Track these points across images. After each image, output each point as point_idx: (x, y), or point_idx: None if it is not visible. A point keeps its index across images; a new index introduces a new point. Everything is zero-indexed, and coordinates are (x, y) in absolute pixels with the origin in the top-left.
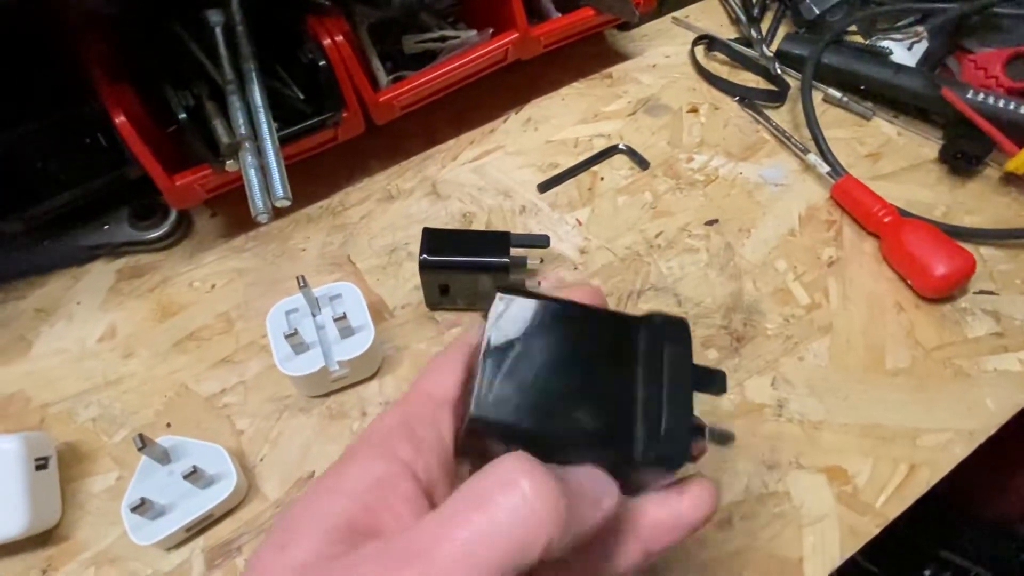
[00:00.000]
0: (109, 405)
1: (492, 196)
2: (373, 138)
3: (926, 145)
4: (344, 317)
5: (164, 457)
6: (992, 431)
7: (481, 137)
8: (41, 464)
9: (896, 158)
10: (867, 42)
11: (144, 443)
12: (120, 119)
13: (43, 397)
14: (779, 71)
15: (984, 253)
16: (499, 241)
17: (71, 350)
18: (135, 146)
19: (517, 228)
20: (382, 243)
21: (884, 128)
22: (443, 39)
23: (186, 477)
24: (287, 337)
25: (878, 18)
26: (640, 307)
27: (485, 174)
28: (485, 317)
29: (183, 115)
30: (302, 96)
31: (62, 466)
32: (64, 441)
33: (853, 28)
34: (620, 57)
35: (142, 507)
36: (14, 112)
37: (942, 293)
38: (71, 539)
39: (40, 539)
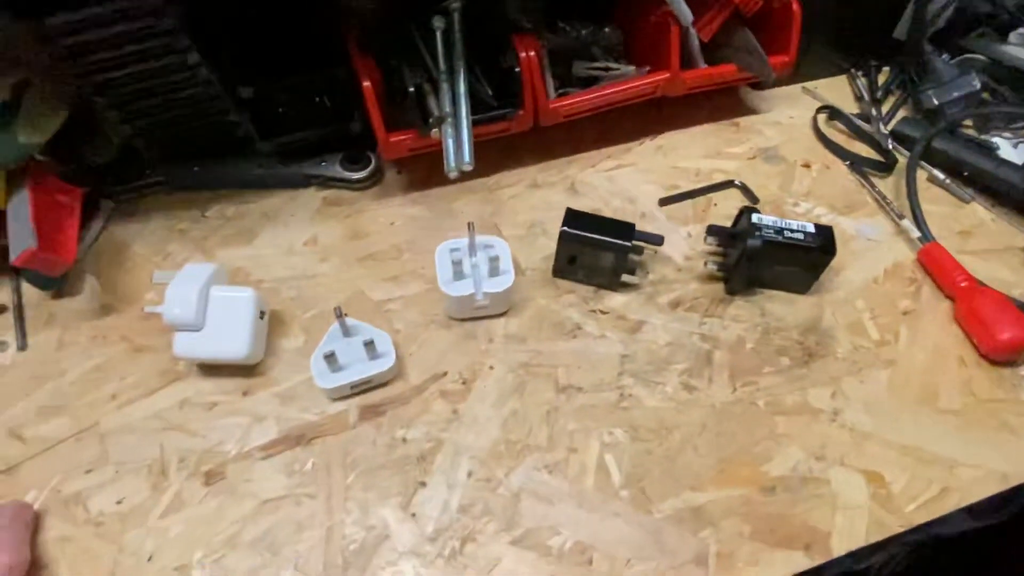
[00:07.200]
0: (304, 291)
1: (619, 200)
2: (532, 138)
3: (1018, 236)
4: (497, 259)
5: (347, 330)
6: None
7: (618, 153)
8: (261, 315)
9: (986, 239)
10: (979, 136)
11: (342, 314)
12: (366, 84)
13: (258, 275)
14: (891, 146)
15: None
16: (626, 228)
17: (282, 247)
18: (371, 106)
19: None
20: (524, 219)
21: (980, 212)
22: (607, 69)
23: (365, 345)
24: (453, 264)
25: (993, 116)
26: (728, 312)
27: (616, 182)
28: None
29: (412, 89)
30: (491, 92)
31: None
32: (270, 309)
33: (968, 122)
34: (749, 111)
35: (330, 357)
36: (274, 67)
37: (1004, 356)
38: (266, 376)
39: (247, 369)
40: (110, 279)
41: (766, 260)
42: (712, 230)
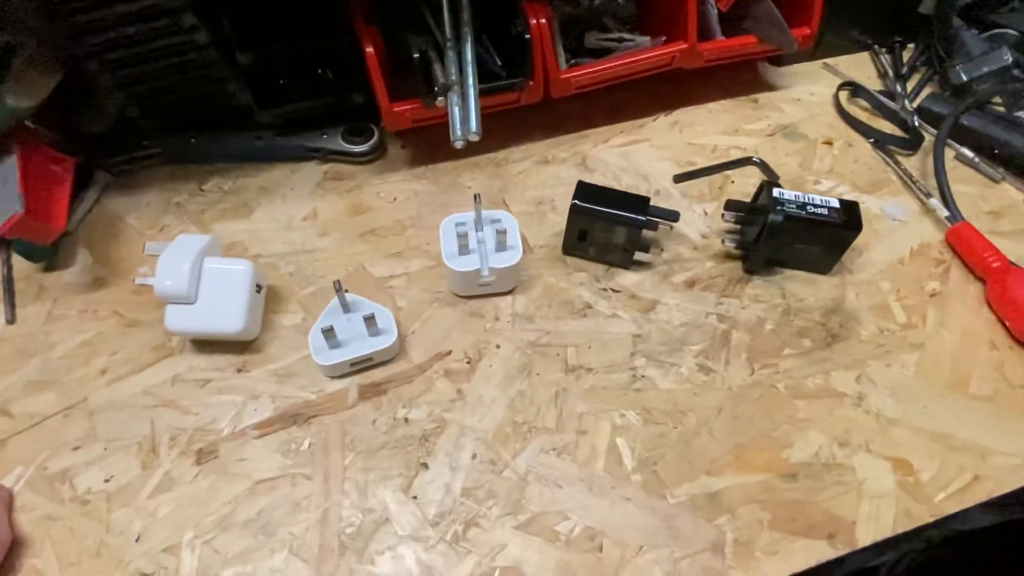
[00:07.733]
0: (303, 266)
1: (632, 177)
2: (542, 112)
3: None
4: (505, 232)
5: (347, 306)
6: None
7: (631, 129)
8: (258, 288)
9: (1017, 220)
10: (1010, 113)
11: (341, 288)
12: (369, 50)
13: (256, 249)
14: (917, 124)
15: None
16: (640, 203)
17: (281, 221)
18: (374, 73)
19: None
20: (532, 195)
21: (1011, 193)
22: (620, 40)
23: (365, 320)
24: (458, 238)
25: None
26: (746, 292)
27: (629, 158)
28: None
29: (416, 55)
30: (499, 62)
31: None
32: (268, 284)
33: (998, 99)
34: (768, 87)
35: (329, 333)
36: (274, 33)
37: None
38: (263, 352)
39: (242, 345)
40: (103, 252)
41: (788, 237)
42: (731, 205)
